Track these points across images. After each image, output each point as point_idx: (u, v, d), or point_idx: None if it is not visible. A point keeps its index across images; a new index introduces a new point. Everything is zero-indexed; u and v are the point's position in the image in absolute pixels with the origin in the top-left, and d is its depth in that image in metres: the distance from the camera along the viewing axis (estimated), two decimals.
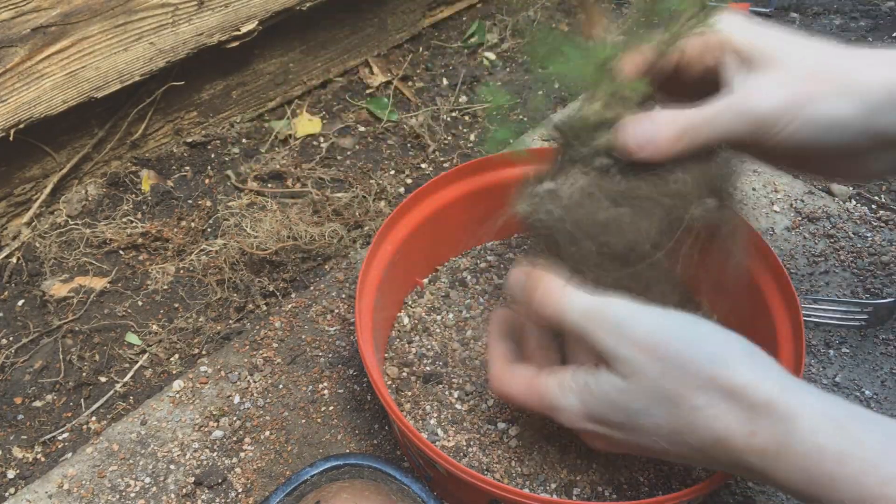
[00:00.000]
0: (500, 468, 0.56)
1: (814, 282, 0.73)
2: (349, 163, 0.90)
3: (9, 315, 0.72)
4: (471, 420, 0.60)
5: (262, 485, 0.58)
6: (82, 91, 0.75)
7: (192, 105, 0.90)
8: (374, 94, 1.00)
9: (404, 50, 1.09)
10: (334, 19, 0.97)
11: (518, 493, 0.45)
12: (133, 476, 0.59)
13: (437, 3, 1.12)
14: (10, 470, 0.60)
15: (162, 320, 0.72)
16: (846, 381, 0.64)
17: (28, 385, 0.66)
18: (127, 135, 0.85)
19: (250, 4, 0.84)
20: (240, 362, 0.67)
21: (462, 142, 0.94)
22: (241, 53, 0.89)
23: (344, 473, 0.53)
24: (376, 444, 0.61)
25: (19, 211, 0.81)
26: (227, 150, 0.91)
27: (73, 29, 0.72)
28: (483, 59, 1.08)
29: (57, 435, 0.63)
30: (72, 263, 0.77)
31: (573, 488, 0.55)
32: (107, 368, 0.68)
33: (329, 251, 0.77)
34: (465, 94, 1.02)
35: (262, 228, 0.76)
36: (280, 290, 0.74)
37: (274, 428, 0.62)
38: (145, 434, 0.62)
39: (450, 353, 0.65)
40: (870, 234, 0.77)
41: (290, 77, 0.97)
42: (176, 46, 0.80)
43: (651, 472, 0.56)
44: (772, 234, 0.78)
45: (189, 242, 0.79)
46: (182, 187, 0.86)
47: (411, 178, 0.88)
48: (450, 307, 0.69)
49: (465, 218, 0.69)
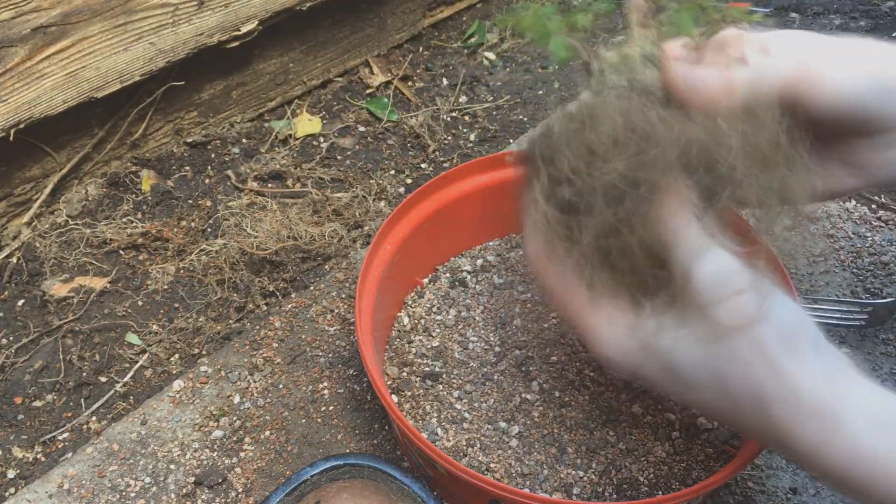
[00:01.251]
0: (500, 468, 0.56)
1: (814, 282, 0.73)
2: (349, 163, 0.90)
3: (9, 315, 0.72)
4: (471, 420, 0.60)
5: (262, 485, 0.58)
6: (82, 91, 0.75)
7: (192, 105, 0.90)
8: (374, 94, 1.00)
9: (404, 50, 1.09)
10: (334, 19, 0.97)
11: (517, 493, 0.45)
12: (133, 476, 0.59)
13: (437, 3, 1.12)
14: (10, 470, 0.60)
15: (162, 320, 0.72)
16: None
17: (28, 385, 0.66)
18: (127, 135, 0.86)
19: (250, 4, 0.84)
20: (240, 362, 0.67)
21: (462, 142, 0.94)
22: (241, 53, 0.89)
23: (344, 473, 0.53)
24: (376, 444, 0.61)
25: (19, 211, 0.81)
26: (227, 150, 0.91)
27: (73, 29, 0.72)
28: (483, 59, 1.08)
29: (57, 435, 0.63)
30: (72, 263, 0.77)
31: (573, 488, 0.55)
32: (107, 368, 0.68)
33: (329, 251, 0.77)
34: (465, 94, 1.02)
35: (262, 228, 0.76)
36: (280, 290, 0.74)
37: (274, 428, 0.62)
38: (145, 434, 0.62)
39: (450, 353, 0.65)
40: (870, 234, 0.77)
41: (290, 77, 0.97)
42: (176, 46, 0.80)
43: (651, 472, 0.56)
44: (772, 233, 0.78)
45: (189, 242, 0.79)
46: (182, 187, 0.86)
47: (411, 178, 0.88)
48: (450, 307, 0.69)
49: (465, 217, 0.69)
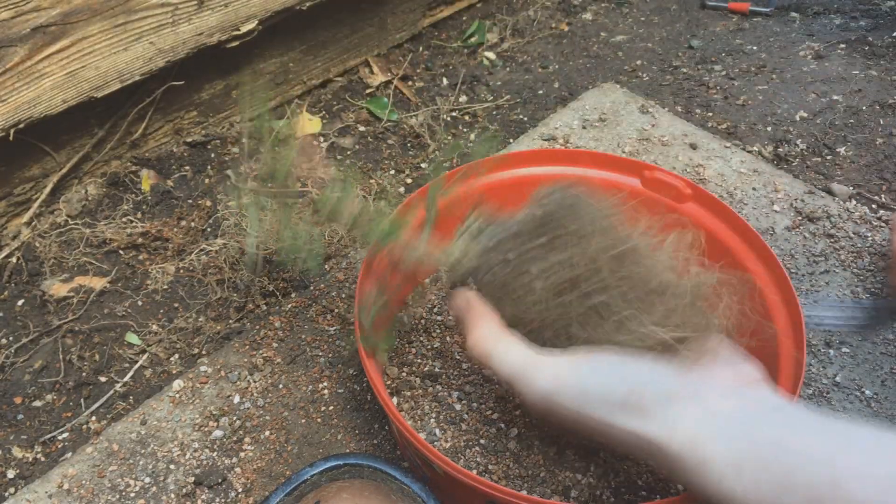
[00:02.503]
0: (499, 469, 0.56)
1: (814, 282, 0.73)
2: (349, 162, 0.90)
3: (9, 315, 0.72)
4: (469, 421, 0.59)
5: (262, 485, 0.58)
6: (82, 91, 0.75)
7: (191, 105, 0.90)
8: (374, 94, 1.00)
9: (404, 50, 1.09)
10: (334, 19, 0.97)
11: (512, 494, 0.45)
12: (133, 476, 0.59)
13: (437, 2, 1.12)
14: (10, 470, 0.60)
15: (162, 320, 0.72)
16: (846, 381, 0.64)
17: (28, 385, 0.66)
18: (127, 134, 0.85)
19: (250, 4, 0.84)
20: (240, 362, 0.67)
21: (462, 141, 0.93)
22: (241, 53, 0.89)
23: (344, 473, 0.52)
24: (376, 443, 0.61)
25: (19, 211, 0.81)
26: (227, 149, 0.91)
27: (72, 29, 0.72)
28: (483, 59, 1.08)
29: (57, 435, 0.63)
30: (72, 263, 0.77)
31: (571, 490, 0.55)
32: (107, 368, 0.68)
33: (329, 251, 0.77)
34: (465, 93, 1.02)
35: (262, 228, 0.76)
36: (280, 289, 0.74)
37: (274, 428, 0.62)
38: (145, 434, 0.62)
39: (450, 353, 0.65)
40: (870, 233, 0.77)
41: (290, 77, 0.97)
42: (176, 46, 0.80)
43: (650, 476, 0.56)
44: (772, 233, 0.78)
45: (189, 242, 0.79)
46: (182, 187, 0.86)
47: (411, 177, 0.88)
48: None
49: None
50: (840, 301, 0.68)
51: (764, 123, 0.94)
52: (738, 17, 1.18)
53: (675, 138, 0.91)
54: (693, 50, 1.10)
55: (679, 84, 1.03)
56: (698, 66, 1.06)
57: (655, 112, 0.96)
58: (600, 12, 1.21)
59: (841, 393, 0.64)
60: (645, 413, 0.40)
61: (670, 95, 1.00)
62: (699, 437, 0.38)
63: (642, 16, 1.20)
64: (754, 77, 1.03)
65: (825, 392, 0.64)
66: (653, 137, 0.91)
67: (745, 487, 0.36)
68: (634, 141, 0.91)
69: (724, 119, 0.96)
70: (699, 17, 1.19)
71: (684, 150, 0.89)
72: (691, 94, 1.00)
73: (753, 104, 0.98)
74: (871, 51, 1.07)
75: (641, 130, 0.92)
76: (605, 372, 0.42)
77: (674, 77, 1.04)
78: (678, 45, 1.12)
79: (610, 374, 0.42)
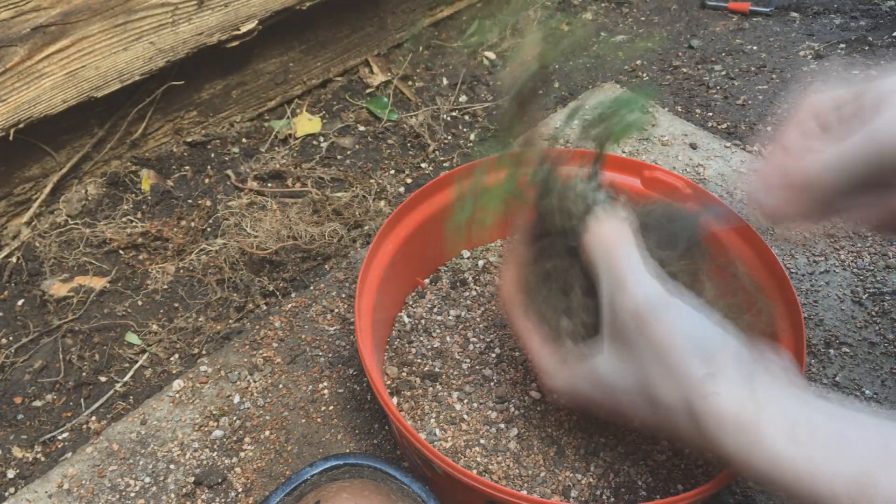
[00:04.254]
0: (499, 469, 0.56)
1: (814, 281, 0.73)
2: (349, 162, 0.90)
3: (9, 315, 0.72)
4: (469, 421, 0.59)
5: (262, 484, 0.58)
6: (82, 91, 0.75)
7: (191, 105, 0.90)
8: (374, 94, 1.00)
9: (404, 49, 1.09)
10: (334, 19, 0.97)
11: (512, 494, 0.45)
12: (133, 476, 0.59)
13: (438, 2, 1.12)
14: (10, 470, 0.60)
15: (162, 320, 0.72)
16: (846, 381, 0.64)
17: (28, 385, 0.66)
18: (127, 134, 0.85)
19: (250, 4, 0.84)
20: (240, 362, 0.67)
21: (462, 141, 0.93)
22: (240, 53, 0.89)
23: (344, 473, 0.52)
24: (376, 443, 0.61)
25: (19, 210, 0.81)
26: (227, 149, 0.91)
27: (72, 28, 0.72)
28: (483, 59, 1.08)
29: (57, 435, 0.63)
30: (72, 263, 0.77)
31: (571, 490, 0.55)
32: (107, 368, 0.68)
33: (329, 251, 0.77)
34: (465, 93, 1.02)
35: (262, 228, 0.76)
36: (280, 289, 0.74)
37: (274, 428, 0.62)
38: (145, 434, 0.62)
39: (450, 353, 0.65)
40: (870, 233, 0.77)
41: (290, 76, 0.97)
42: (176, 46, 0.80)
43: (649, 476, 0.56)
44: (772, 233, 0.78)
45: (189, 242, 0.79)
46: (182, 187, 0.86)
47: (411, 177, 0.88)
48: (451, 307, 0.68)
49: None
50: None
51: (764, 123, 0.94)
52: (738, 17, 1.18)
53: (675, 138, 0.91)
54: (693, 50, 1.10)
55: (679, 84, 1.03)
56: (698, 66, 1.06)
57: (655, 112, 0.96)
58: (600, 12, 1.21)
59: (841, 393, 0.64)
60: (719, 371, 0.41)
61: (670, 95, 1.00)
62: (758, 398, 0.39)
63: (642, 16, 1.20)
64: (754, 77, 1.03)
65: (825, 392, 0.64)
66: (653, 137, 0.91)
67: (798, 452, 0.37)
68: (634, 141, 0.91)
69: (724, 119, 0.96)
70: (699, 16, 1.19)
71: (684, 150, 0.89)
72: (691, 94, 1.00)
73: (753, 104, 0.98)
74: (871, 51, 1.07)
75: (641, 130, 0.92)
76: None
77: (674, 77, 1.04)
78: (678, 44, 1.12)
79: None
